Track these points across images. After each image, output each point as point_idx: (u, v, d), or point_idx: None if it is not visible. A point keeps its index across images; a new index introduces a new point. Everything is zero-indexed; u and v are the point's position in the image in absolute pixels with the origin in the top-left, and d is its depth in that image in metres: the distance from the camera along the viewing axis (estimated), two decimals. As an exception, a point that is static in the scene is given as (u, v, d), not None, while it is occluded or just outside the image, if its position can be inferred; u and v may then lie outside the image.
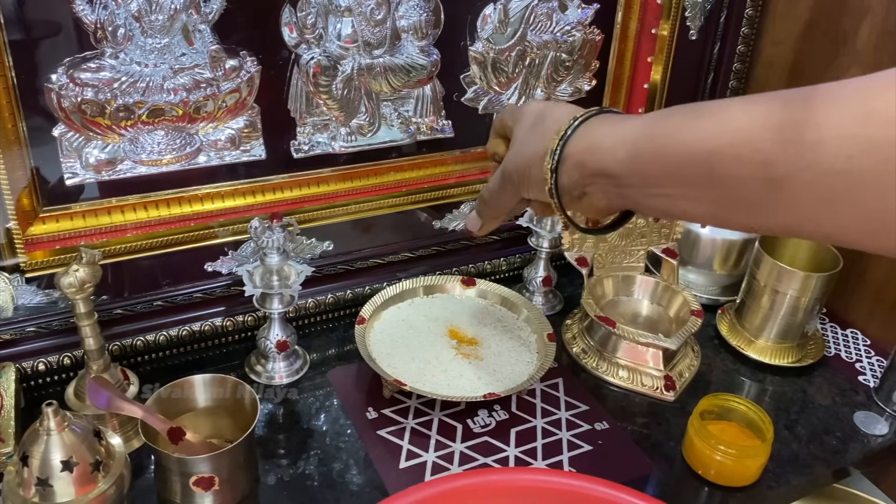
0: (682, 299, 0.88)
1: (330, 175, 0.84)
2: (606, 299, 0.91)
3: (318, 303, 0.88)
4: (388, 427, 0.75)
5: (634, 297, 0.92)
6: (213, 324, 0.83)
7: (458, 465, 0.71)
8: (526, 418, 0.77)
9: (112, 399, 0.65)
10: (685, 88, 0.96)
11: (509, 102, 0.89)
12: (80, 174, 0.72)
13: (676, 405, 0.81)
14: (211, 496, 0.64)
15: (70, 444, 0.58)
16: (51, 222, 0.73)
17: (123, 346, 0.79)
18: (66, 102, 0.68)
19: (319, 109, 0.80)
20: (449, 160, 0.90)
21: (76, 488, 0.58)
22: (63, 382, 0.74)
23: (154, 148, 0.74)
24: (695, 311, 0.85)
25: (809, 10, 0.93)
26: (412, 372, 0.77)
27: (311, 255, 0.86)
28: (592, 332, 0.87)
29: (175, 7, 0.68)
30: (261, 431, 0.74)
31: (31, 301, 0.74)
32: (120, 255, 0.76)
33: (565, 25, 0.88)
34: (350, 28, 0.77)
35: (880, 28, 0.86)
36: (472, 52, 0.85)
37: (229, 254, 0.82)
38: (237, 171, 0.79)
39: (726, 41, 0.96)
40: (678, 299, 0.89)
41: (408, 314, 0.86)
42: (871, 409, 0.82)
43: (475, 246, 0.95)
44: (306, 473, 0.70)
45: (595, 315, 0.83)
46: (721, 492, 0.71)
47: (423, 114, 0.86)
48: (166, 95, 0.71)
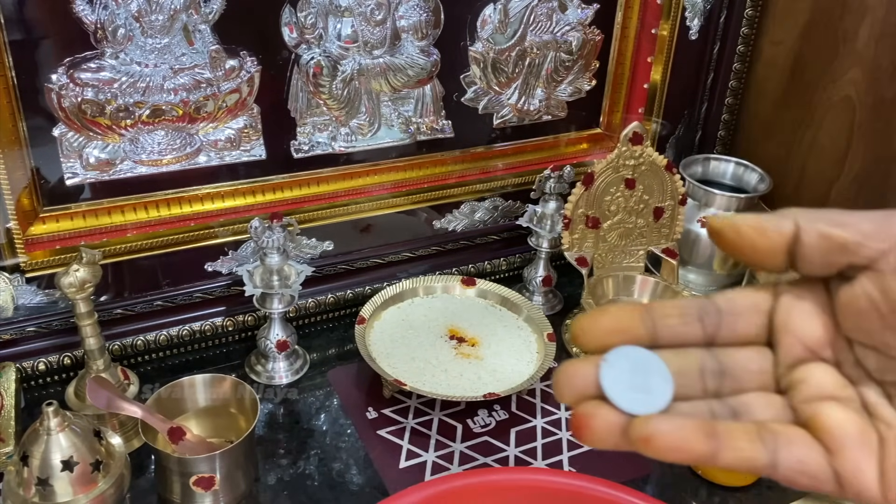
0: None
1: (330, 175, 0.84)
2: (606, 299, 0.91)
3: (319, 303, 0.88)
4: (388, 427, 0.75)
5: (634, 297, 0.92)
6: (214, 324, 0.83)
7: (458, 465, 0.71)
8: (526, 418, 0.77)
9: (112, 399, 0.65)
10: (685, 88, 0.96)
11: (509, 102, 0.89)
12: (80, 174, 0.72)
13: (676, 405, 0.81)
14: (211, 496, 0.64)
15: (70, 443, 0.58)
16: (51, 222, 0.73)
17: (123, 345, 0.79)
18: (66, 102, 0.68)
19: (319, 109, 0.80)
20: (449, 160, 0.90)
21: (76, 488, 0.58)
22: (63, 382, 0.74)
23: (154, 148, 0.74)
24: (695, 311, 0.85)
25: (809, 10, 0.93)
26: (412, 372, 0.77)
27: (311, 255, 0.86)
28: (592, 332, 0.87)
29: (175, 7, 0.68)
30: (261, 431, 0.74)
31: (32, 301, 0.74)
32: (120, 255, 0.76)
33: (565, 25, 0.88)
34: (350, 28, 0.77)
35: (880, 28, 0.86)
36: (472, 53, 0.85)
37: (229, 254, 0.82)
38: (237, 171, 0.79)
39: (726, 41, 0.96)
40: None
41: (408, 314, 0.86)
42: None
43: (475, 246, 0.95)
44: (306, 473, 0.70)
45: (595, 315, 0.83)
46: (721, 491, 0.71)
47: (423, 114, 0.86)
48: (166, 95, 0.71)
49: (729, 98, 1.00)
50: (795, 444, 0.29)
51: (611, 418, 0.29)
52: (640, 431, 0.28)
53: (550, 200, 0.89)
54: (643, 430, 0.28)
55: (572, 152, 0.97)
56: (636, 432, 0.28)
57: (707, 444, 0.28)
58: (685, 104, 0.98)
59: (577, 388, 0.30)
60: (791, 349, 0.30)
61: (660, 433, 0.28)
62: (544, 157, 0.94)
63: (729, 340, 0.31)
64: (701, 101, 0.99)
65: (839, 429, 0.29)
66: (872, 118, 0.89)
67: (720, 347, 0.31)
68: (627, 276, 0.92)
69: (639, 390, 0.29)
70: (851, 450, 0.28)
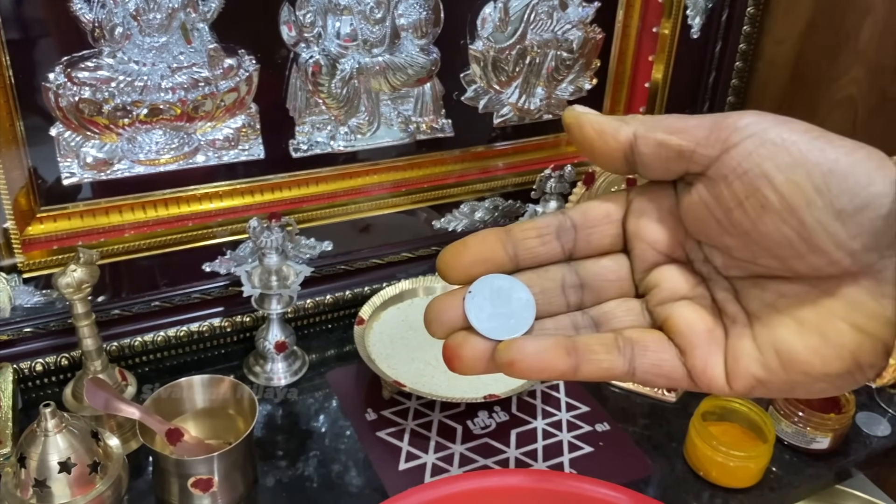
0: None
1: (329, 174, 0.84)
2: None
3: (317, 303, 0.87)
4: (388, 428, 0.75)
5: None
6: (212, 324, 0.82)
7: (458, 467, 0.71)
8: (526, 419, 0.77)
9: (110, 400, 0.65)
10: (686, 87, 0.96)
11: (510, 101, 0.89)
12: (77, 174, 0.72)
13: (678, 406, 0.80)
14: (209, 498, 0.64)
15: (68, 445, 0.57)
16: (48, 222, 0.72)
17: (121, 346, 0.78)
18: (63, 102, 0.68)
19: (318, 109, 0.79)
20: (449, 160, 0.90)
21: (74, 490, 0.58)
22: (61, 383, 0.74)
23: (152, 147, 0.74)
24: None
25: (811, 9, 0.93)
26: (412, 373, 0.77)
27: (310, 256, 0.86)
28: (593, 332, 0.86)
29: (173, 6, 0.68)
30: (259, 433, 0.74)
31: (29, 301, 0.74)
32: (118, 256, 0.76)
33: (566, 24, 0.87)
34: (349, 26, 0.76)
35: (882, 27, 0.86)
36: (472, 51, 0.84)
37: (228, 254, 0.81)
38: (235, 171, 0.79)
39: (728, 40, 0.95)
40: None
41: (407, 315, 0.86)
42: (873, 411, 0.82)
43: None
44: (305, 475, 0.70)
45: (596, 315, 0.83)
46: (723, 493, 0.71)
47: (423, 113, 0.85)
48: (164, 94, 0.71)
49: (731, 97, 1.00)
50: (650, 350, 0.31)
51: (478, 346, 0.30)
52: (504, 356, 0.30)
53: (551, 200, 0.89)
54: (506, 355, 0.30)
55: (573, 152, 0.96)
56: (500, 357, 0.30)
57: (567, 360, 0.30)
58: (687, 103, 0.97)
59: (447, 322, 0.31)
60: (644, 254, 0.32)
61: (522, 356, 0.29)
62: (545, 157, 0.94)
63: (587, 253, 0.32)
64: (702, 101, 0.99)
65: (689, 329, 0.31)
66: (874, 117, 0.88)
67: (579, 261, 0.32)
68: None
69: (502, 317, 0.30)
70: (700, 348, 0.30)
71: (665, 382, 0.31)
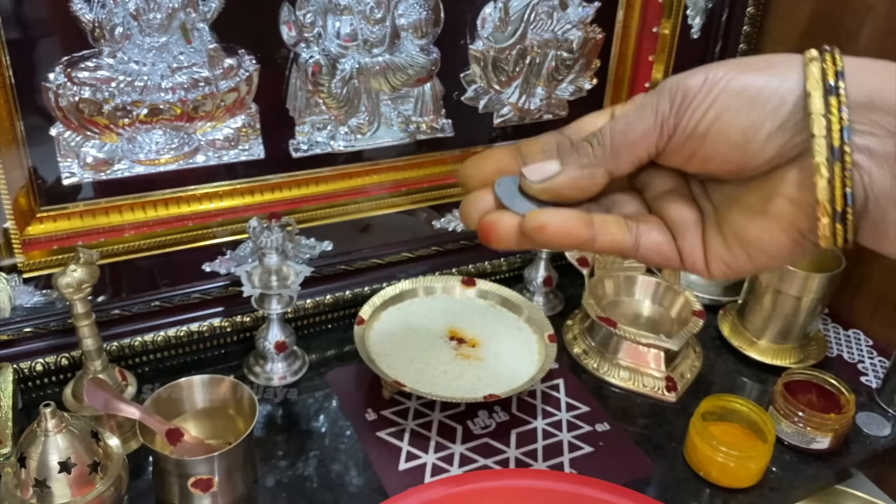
0: (683, 300, 0.88)
1: (329, 174, 0.84)
2: (607, 300, 0.90)
3: (317, 303, 0.87)
4: (388, 428, 0.75)
5: (636, 298, 0.92)
6: (212, 324, 0.82)
7: (458, 467, 0.71)
8: (526, 420, 0.77)
9: (110, 400, 0.65)
10: (686, 87, 0.96)
11: (510, 101, 0.89)
12: (77, 174, 0.72)
13: (678, 406, 0.80)
14: (209, 498, 0.64)
15: (68, 445, 0.57)
16: (48, 222, 0.72)
17: (121, 346, 0.78)
18: (63, 101, 0.68)
19: (318, 108, 0.79)
20: (449, 159, 0.90)
21: (74, 490, 0.58)
22: (61, 383, 0.74)
23: (152, 147, 0.74)
24: (696, 311, 0.85)
25: (811, 9, 0.93)
26: (412, 373, 0.77)
27: (310, 255, 0.86)
28: (593, 332, 0.87)
29: (173, 5, 0.68)
30: (259, 433, 0.74)
31: (29, 301, 0.74)
32: (118, 256, 0.76)
33: (566, 24, 0.87)
34: (349, 26, 0.76)
35: (882, 27, 0.86)
36: (473, 51, 0.84)
37: (227, 254, 0.81)
38: (235, 171, 0.79)
39: (728, 40, 0.95)
40: (680, 300, 0.88)
41: (407, 315, 0.86)
42: (873, 411, 0.82)
43: (475, 246, 0.95)
44: (305, 475, 0.70)
45: (596, 316, 0.83)
46: (723, 493, 0.71)
47: (423, 113, 0.85)
48: (164, 94, 0.71)
49: (730, 97, 1.00)
50: (653, 231, 0.37)
51: (511, 221, 0.36)
52: (534, 221, 0.36)
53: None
54: (537, 220, 0.36)
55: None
56: (530, 223, 0.36)
57: (587, 230, 0.36)
58: (686, 103, 0.97)
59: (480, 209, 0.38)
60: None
61: (550, 222, 0.35)
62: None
63: None
64: (702, 101, 0.99)
65: (681, 218, 0.37)
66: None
67: None
68: (629, 276, 0.91)
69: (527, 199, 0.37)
70: (689, 234, 0.37)
71: (661, 260, 0.38)
